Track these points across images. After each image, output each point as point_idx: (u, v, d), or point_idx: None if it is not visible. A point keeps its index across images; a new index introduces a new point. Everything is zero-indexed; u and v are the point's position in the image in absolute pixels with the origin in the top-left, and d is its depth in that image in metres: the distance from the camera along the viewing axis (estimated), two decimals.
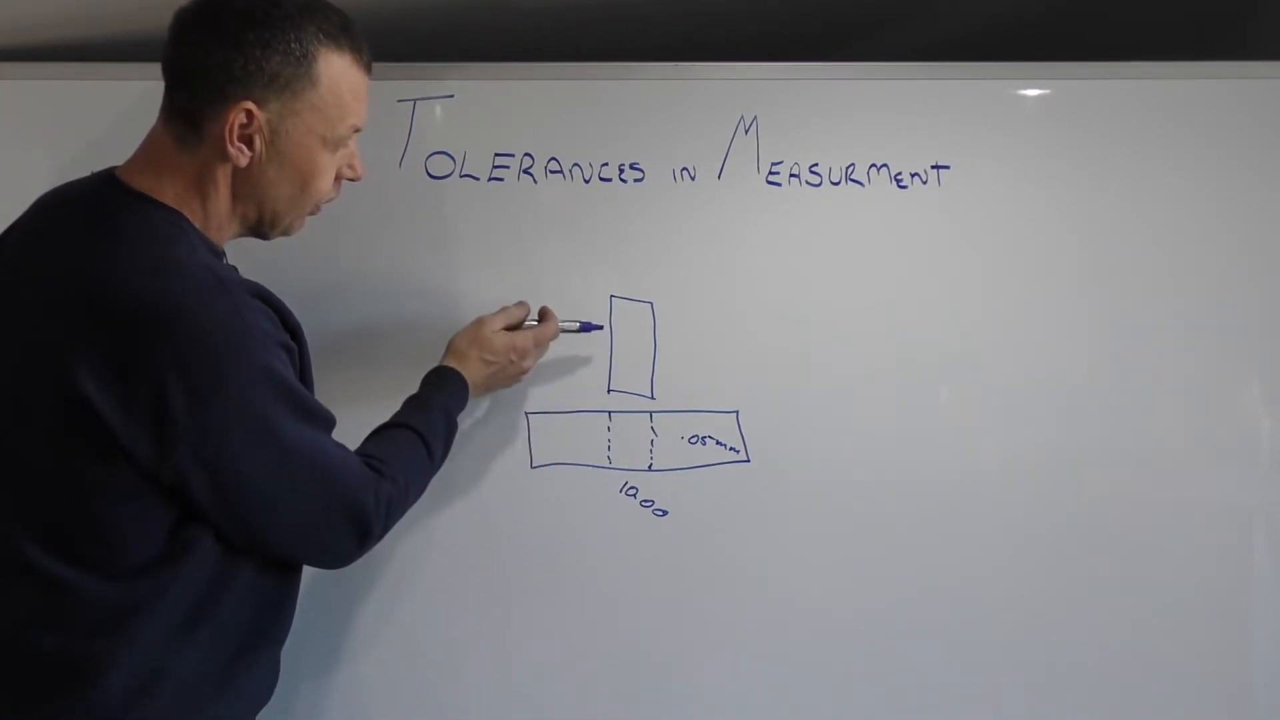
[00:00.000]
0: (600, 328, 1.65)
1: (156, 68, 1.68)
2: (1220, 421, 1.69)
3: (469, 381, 1.51)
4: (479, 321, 1.56)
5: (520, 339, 1.56)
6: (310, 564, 1.35)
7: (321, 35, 1.22)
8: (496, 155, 1.68)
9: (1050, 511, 1.67)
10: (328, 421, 1.27)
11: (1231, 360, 1.68)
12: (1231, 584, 1.68)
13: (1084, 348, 1.67)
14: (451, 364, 1.52)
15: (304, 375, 1.29)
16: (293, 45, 1.20)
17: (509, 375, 1.57)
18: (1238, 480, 1.69)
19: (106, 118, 1.68)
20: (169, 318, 1.14)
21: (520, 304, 1.60)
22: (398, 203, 1.67)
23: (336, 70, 1.23)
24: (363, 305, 1.66)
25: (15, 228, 1.28)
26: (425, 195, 1.67)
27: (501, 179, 1.68)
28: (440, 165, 1.68)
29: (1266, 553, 1.70)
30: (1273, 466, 1.69)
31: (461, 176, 1.68)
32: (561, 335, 1.63)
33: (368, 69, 1.28)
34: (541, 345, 1.60)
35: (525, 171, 1.68)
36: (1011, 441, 1.67)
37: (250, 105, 1.19)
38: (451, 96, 1.67)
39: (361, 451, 1.35)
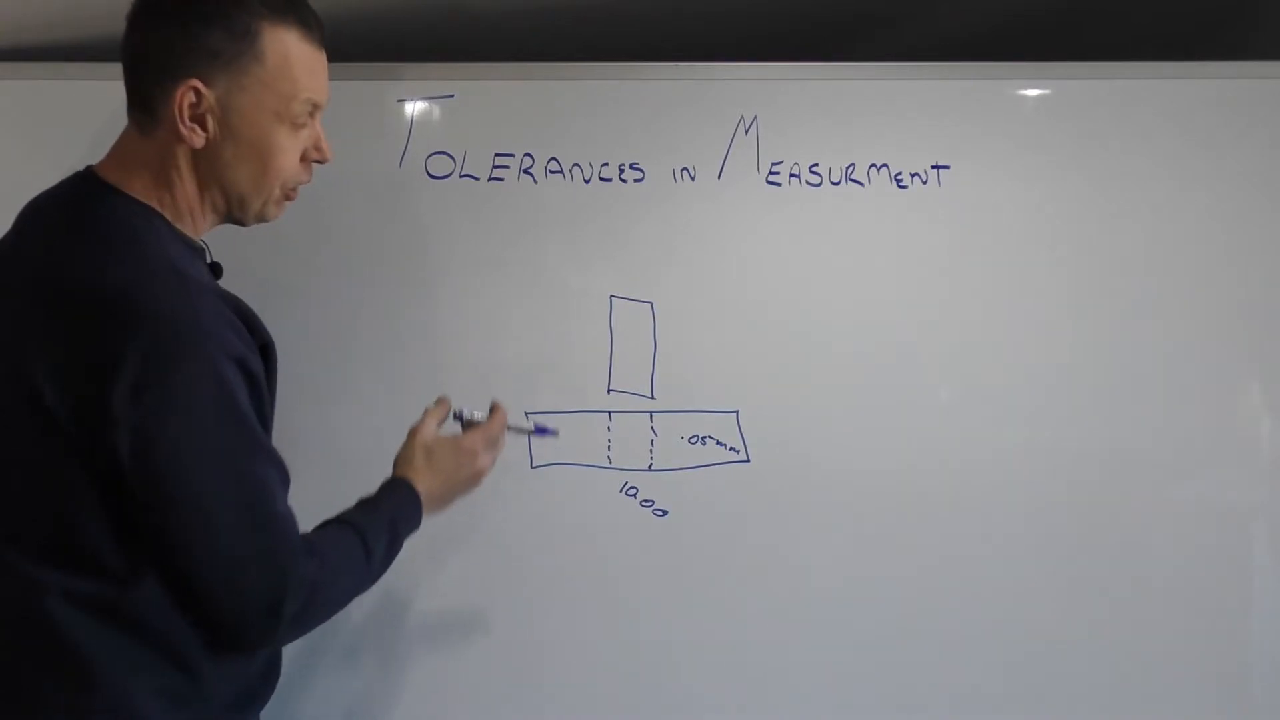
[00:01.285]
0: (555, 433, 1.56)
1: None
2: (1220, 421, 1.69)
3: (420, 492, 1.36)
4: (411, 433, 1.40)
5: (467, 440, 1.41)
6: (209, 610, 1.17)
7: (264, 9, 1.20)
8: (496, 155, 1.68)
9: (1051, 511, 1.67)
10: (280, 467, 1.20)
11: (1232, 360, 1.68)
12: (1231, 584, 1.69)
13: (1084, 347, 1.67)
14: (402, 474, 1.37)
15: (269, 388, 1.24)
16: (233, 21, 1.19)
17: (465, 478, 1.42)
18: (1238, 480, 1.69)
19: (106, 118, 1.67)
20: (122, 307, 1.11)
21: (440, 401, 1.44)
22: (398, 203, 1.67)
23: (283, 44, 1.21)
24: (362, 305, 1.66)
25: (6, 238, 1.27)
26: (425, 195, 1.67)
27: (501, 179, 1.68)
28: (440, 165, 1.68)
29: (1266, 553, 1.70)
30: (1273, 466, 1.69)
31: (461, 176, 1.68)
32: (564, 334, 1.63)
33: (320, 43, 1.24)
34: (493, 442, 1.44)
35: (525, 171, 1.68)
36: (1011, 441, 1.67)
37: (196, 83, 1.18)
38: (451, 96, 1.67)
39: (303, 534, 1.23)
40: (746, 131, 1.68)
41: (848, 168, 1.68)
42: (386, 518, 1.31)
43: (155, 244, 1.18)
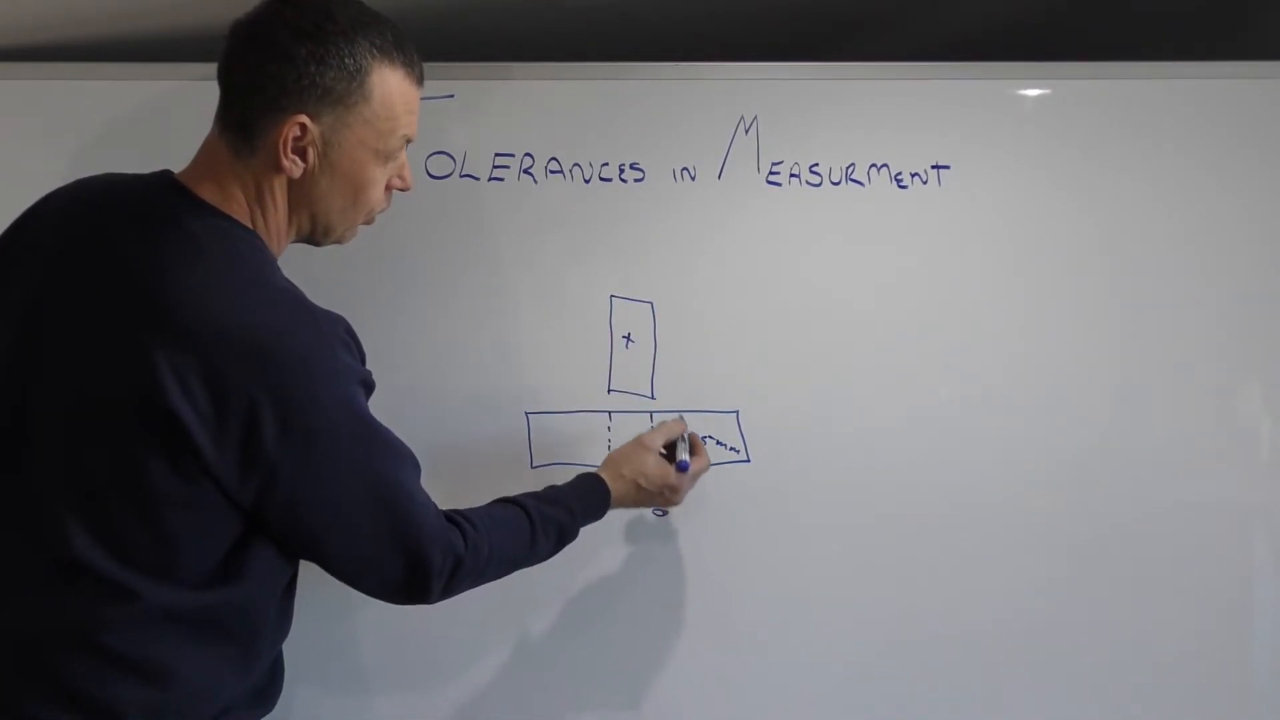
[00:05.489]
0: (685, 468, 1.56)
1: (158, 68, 1.69)
2: (1220, 421, 1.69)
3: (613, 494, 1.49)
4: (640, 444, 1.54)
5: (677, 478, 1.54)
6: (360, 590, 1.32)
7: (375, 50, 1.22)
8: (496, 155, 1.68)
9: (1051, 510, 1.67)
10: (411, 460, 1.27)
11: (1232, 360, 1.68)
12: (1231, 584, 1.69)
13: (1084, 348, 1.67)
14: (606, 476, 1.50)
15: None
16: (346, 60, 1.21)
17: (658, 501, 1.57)
18: (1238, 480, 1.69)
19: (106, 118, 1.68)
20: (265, 346, 1.16)
21: (678, 420, 1.60)
22: (398, 203, 1.66)
23: (389, 84, 1.24)
24: (361, 305, 1.66)
25: (50, 212, 1.27)
26: (425, 195, 1.67)
27: (501, 179, 1.68)
28: (440, 165, 1.68)
29: (1266, 553, 1.70)
30: (1273, 466, 1.69)
31: (461, 176, 1.68)
32: (564, 334, 1.64)
33: (420, 81, 1.29)
34: (695, 480, 1.58)
35: (525, 171, 1.68)
36: (1011, 441, 1.67)
37: (304, 119, 1.20)
38: (452, 96, 1.67)
39: (461, 511, 1.33)
40: (746, 131, 1.68)
41: (848, 168, 1.68)
42: (566, 507, 1.42)
43: (279, 278, 1.23)
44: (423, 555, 1.25)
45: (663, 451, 1.55)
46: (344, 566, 1.26)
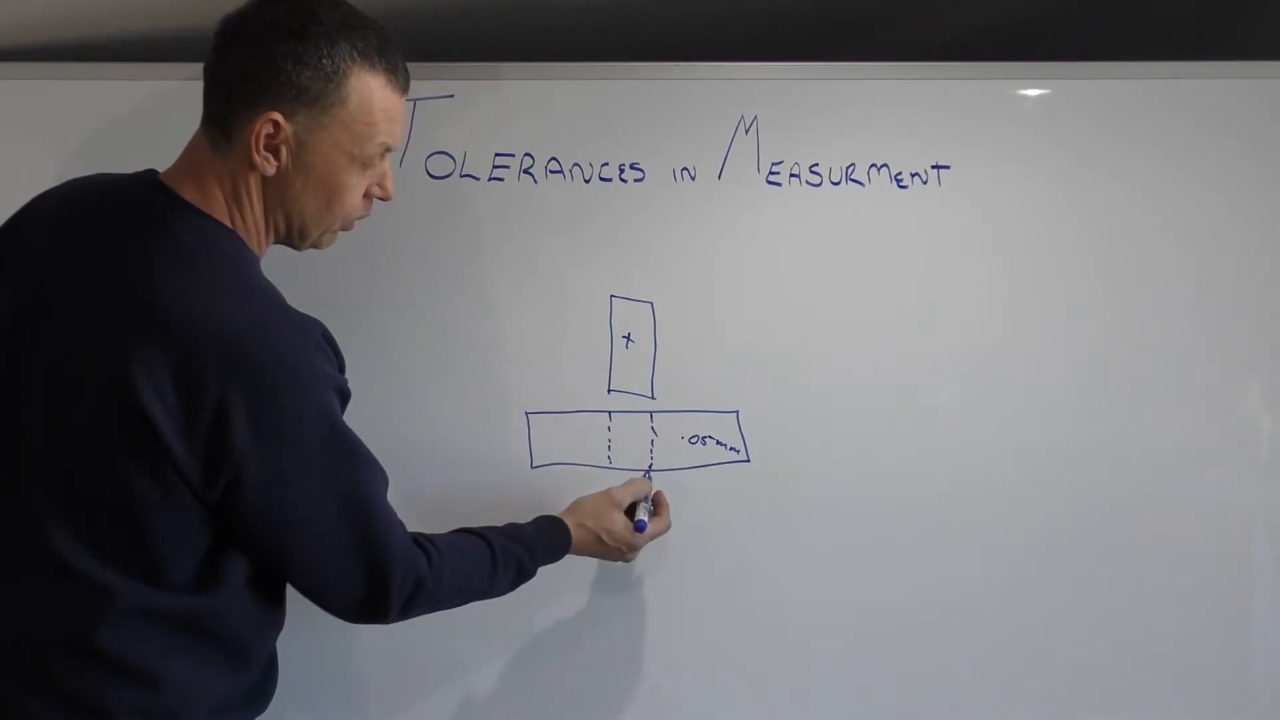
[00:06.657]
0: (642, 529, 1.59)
1: (158, 68, 1.69)
2: (1220, 421, 1.69)
3: (574, 543, 1.51)
4: (610, 499, 1.57)
5: (639, 539, 1.57)
6: (316, 602, 1.30)
7: (355, 54, 1.22)
8: (496, 155, 1.68)
9: (1051, 511, 1.67)
10: (381, 475, 1.27)
11: (1232, 360, 1.68)
12: (1231, 584, 1.69)
13: (1084, 348, 1.67)
14: (570, 523, 1.52)
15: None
16: (324, 61, 1.20)
17: (614, 557, 1.59)
18: (1238, 480, 1.69)
19: (106, 118, 1.68)
20: (245, 345, 1.16)
21: (645, 480, 1.63)
22: (398, 203, 1.66)
23: (369, 89, 1.23)
24: (361, 305, 1.66)
25: (42, 213, 1.28)
26: (425, 195, 1.67)
27: (501, 179, 1.68)
28: (440, 165, 1.68)
29: (1266, 553, 1.70)
30: (1273, 466, 1.69)
31: (461, 176, 1.68)
32: (564, 334, 1.64)
33: (403, 89, 1.28)
34: (651, 539, 1.60)
35: (525, 171, 1.68)
36: (1011, 441, 1.67)
37: (277, 116, 1.20)
38: (452, 96, 1.67)
39: (427, 535, 1.33)
40: (746, 131, 1.68)
41: (848, 168, 1.68)
42: (528, 545, 1.43)
43: (259, 279, 1.24)
44: (384, 573, 1.24)
45: (629, 510, 1.58)
46: (306, 578, 1.25)
